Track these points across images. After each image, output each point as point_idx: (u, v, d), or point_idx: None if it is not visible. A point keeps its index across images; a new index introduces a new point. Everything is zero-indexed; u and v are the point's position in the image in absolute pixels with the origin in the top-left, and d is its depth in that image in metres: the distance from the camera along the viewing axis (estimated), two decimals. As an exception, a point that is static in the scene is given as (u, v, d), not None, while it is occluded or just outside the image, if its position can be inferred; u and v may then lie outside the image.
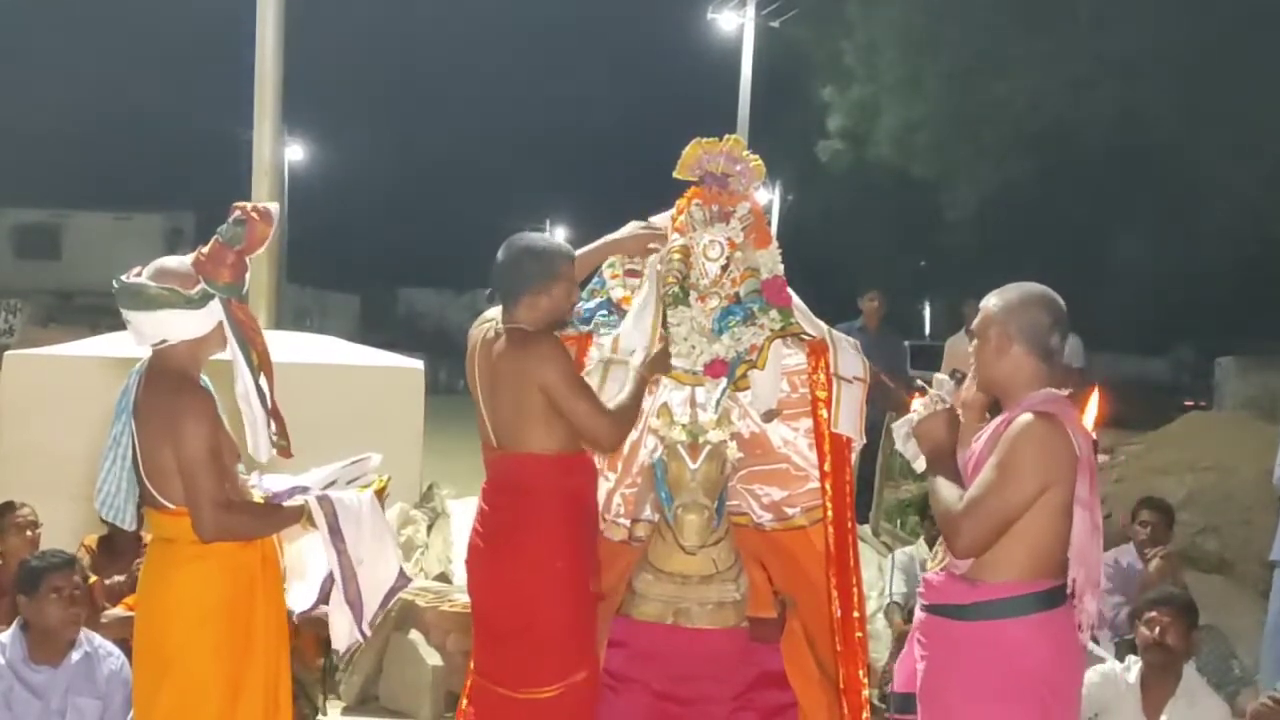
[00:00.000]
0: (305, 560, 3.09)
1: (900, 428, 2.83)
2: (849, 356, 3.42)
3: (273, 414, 2.87)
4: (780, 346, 3.41)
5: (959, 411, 2.74)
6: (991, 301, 2.66)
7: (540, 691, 2.98)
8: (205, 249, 2.81)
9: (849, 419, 3.37)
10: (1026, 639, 2.51)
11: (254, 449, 2.87)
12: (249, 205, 2.86)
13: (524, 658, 3.00)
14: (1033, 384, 2.58)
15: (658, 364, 3.27)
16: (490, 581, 3.08)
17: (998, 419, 2.61)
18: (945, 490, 2.58)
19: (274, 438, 2.88)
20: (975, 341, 2.69)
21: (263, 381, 2.85)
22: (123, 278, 2.81)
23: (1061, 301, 2.64)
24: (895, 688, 2.85)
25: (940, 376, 2.77)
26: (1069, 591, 2.53)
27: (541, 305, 3.04)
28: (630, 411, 3.08)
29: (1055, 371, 2.63)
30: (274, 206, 2.91)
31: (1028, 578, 2.51)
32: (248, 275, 2.87)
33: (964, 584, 2.56)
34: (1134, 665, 3.73)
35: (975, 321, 2.70)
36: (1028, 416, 2.50)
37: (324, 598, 3.02)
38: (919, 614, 2.74)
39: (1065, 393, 2.60)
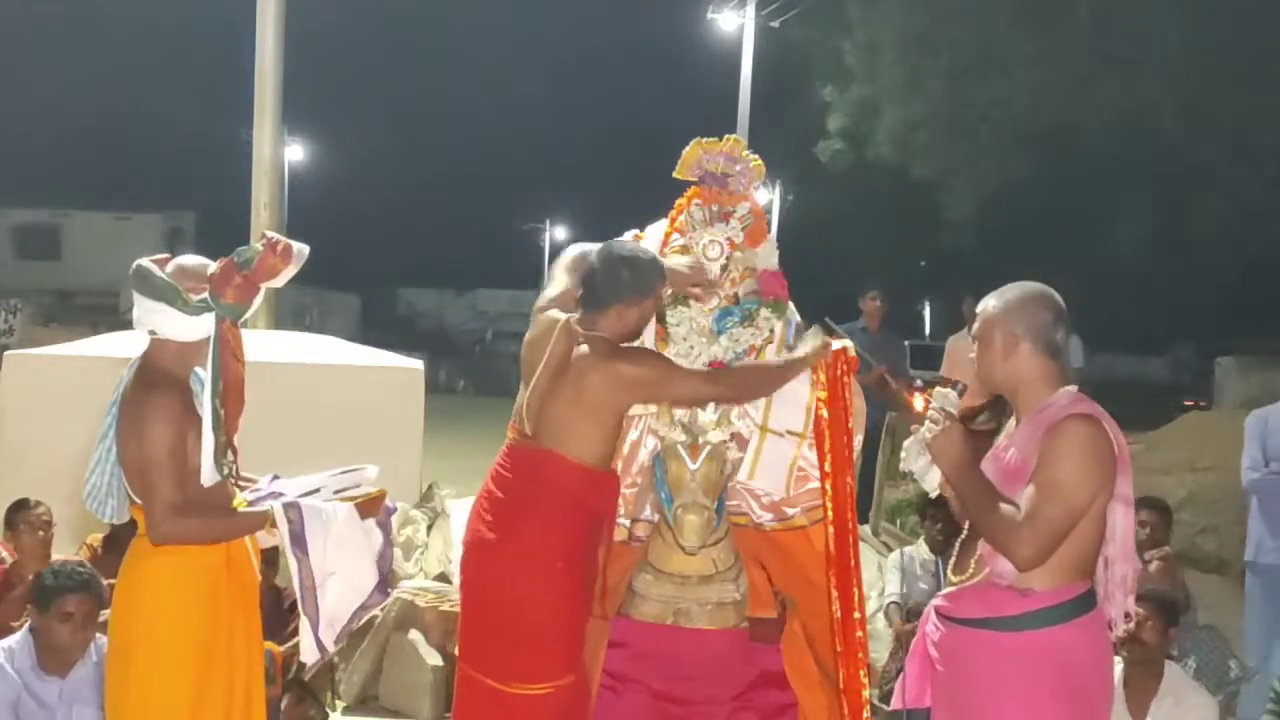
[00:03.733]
0: None
1: (912, 446, 2.73)
2: (786, 408, 3.33)
3: (228, 445, 2.83)
4: (780, 348, 3.40)
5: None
6: (991, 304, 2.62)
7: (532, 687, 2.96)
8: (220, 264, 2.79)
9: (769, 474, 3.33)
10: (1075, 642, 2.49)
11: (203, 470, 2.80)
12: (276, 237, 2.83)
13: (512, 651, 2.98)
14: (1044, 382, 2.55)
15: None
16: (487, 568, 3.04)
17: (1022, 425, 2.57)
18: (988, 503, 2.50)
19: (227, 467, 2.83)
20: (976, 346, 2.64)
21: (220, 411, 2.78)
22: (143, 260, 2.80)
23: (1059, 297, 2.61)
24: (906, 704, 2.73)
25: (943, 390, 2.66)
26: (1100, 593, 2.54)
27: (629, 318, 3.03)
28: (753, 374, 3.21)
29: (1063, 368, 2.60)
30: (301, 247, 2.84)
31: (1071, 581, 2.49)
32: (257, 301, 2.84)
33: (1013, 594, 2.49)
34: (1116, 665, 3.72)
35: (975, 326, 2.65)
36: (1071, 420, 2.46)
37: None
38: (940, 628, 2.64)
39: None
